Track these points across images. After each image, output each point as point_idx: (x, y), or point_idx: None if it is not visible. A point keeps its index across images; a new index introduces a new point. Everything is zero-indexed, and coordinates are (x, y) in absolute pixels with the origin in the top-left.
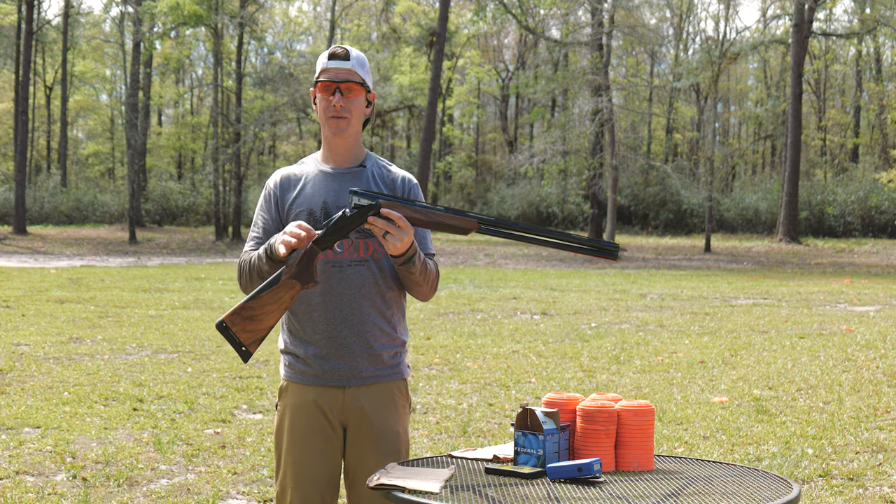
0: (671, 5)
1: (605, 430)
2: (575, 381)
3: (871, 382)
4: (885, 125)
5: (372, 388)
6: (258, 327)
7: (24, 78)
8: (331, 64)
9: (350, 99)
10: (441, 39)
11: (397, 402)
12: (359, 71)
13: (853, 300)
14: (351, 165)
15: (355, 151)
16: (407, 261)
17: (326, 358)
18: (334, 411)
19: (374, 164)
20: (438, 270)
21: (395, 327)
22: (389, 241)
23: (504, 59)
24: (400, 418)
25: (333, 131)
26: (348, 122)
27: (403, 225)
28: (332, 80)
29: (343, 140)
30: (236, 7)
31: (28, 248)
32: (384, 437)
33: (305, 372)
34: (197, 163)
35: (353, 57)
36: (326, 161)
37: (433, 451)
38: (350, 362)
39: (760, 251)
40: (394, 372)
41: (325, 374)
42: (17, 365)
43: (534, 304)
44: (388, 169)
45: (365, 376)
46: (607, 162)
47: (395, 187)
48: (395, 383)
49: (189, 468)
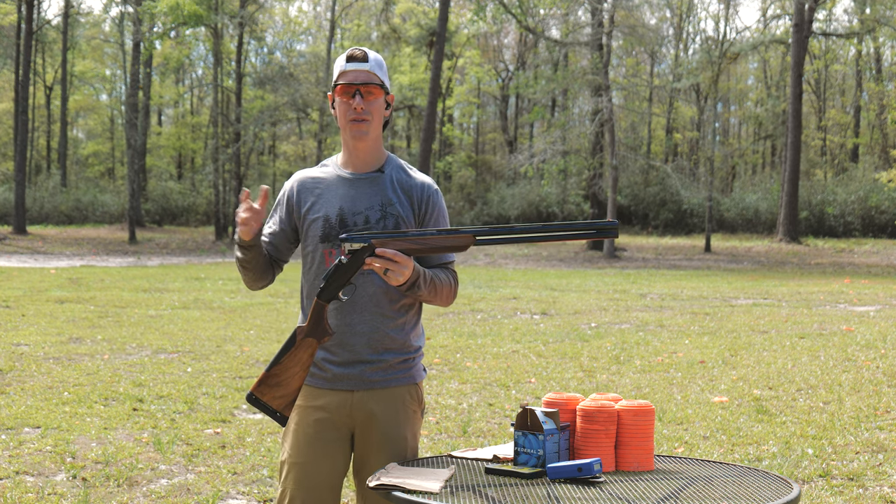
0: (671, 5)
1: (605, 430)
2: (575, 381)
3: (871, 382)
4: (885, 125)
5: (382, 393)
6: (286, 391)
7: (24, 78)
8: (349, 66)
9: (370, 101)
10: (441, 39)
11: (407, 406)
12: (377, 73)
13: (853, 300)
14: (370, 170)
15: (376, 155)
16: (410, 287)
17: (337, 364)
18: (342, 415)
19: (395, 168)
20: (456, 279)
21: (408, 334)
22: (391, 277)
23: (504, 59)
24: (409, 423)
25: (354, 135)
26: (369, 124)
27: (401, 260)
28: (352, 82)
29: (364, 143)
30: (236, 7)
31: (28, 248)
32: (391, 441)
33: (316, 375)
34: (197, 163)
35: (371, 59)
36: (346, 166)
37: (433, 451)
38: (360, 369)
39: (760, 251)
40: (405, 377)
41: (336, 379)
42: (17, 365)
43: (534, 304)
44: (409, 174)
45: (374, 381)
46: (607, 162)
47: (412, 194)
48: (407, 388)
49: (189, 468)
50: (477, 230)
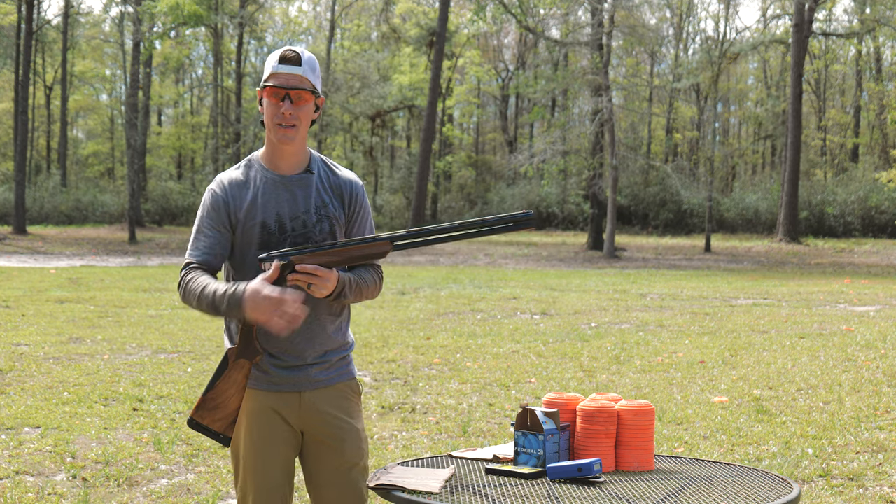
0: (671, 5)
1: (605, 430)
2: (575, 381)
3: (871, 382)
4: (885, 125)
5: (327, 391)
6: (225, 413)
7: (24, 78)
8: (281, 68)
9: (300, 106)
10: (441, 39)
11: (351, 400)
12: (310, 77)
13: (853, 300)
14: (298, 171)
15: (301, 156)
16: (336, 297)
17: (283, 367)
18: (292, 416)
19: (320, 168)
20: (380, 274)
21: (344, 333)
22: (315, 290)
23: (504, 59)
24: (357, 416)
25: (280, 139)
26: (297, 130)
27: (322, 274)
28: (283, 86)
29: (290, 147)
30: (236, 7)
31: (28, 248)
32: (345, 434)
33: (261, 378)
34: (197, 163)
35: (304, 61)
36: (271, 167)
37: (433, 451)
38: (304, 371)
39: (760, 251)
40: (345, 373)
41: (282, 381)
42: (17, 365)
43: (534, 304)
44: (335, 172)
45: (319, 380)
46: (607, 162)
47: (343, 192)
48: (348, 383)
49: (189, 468)
50: (393, 236)
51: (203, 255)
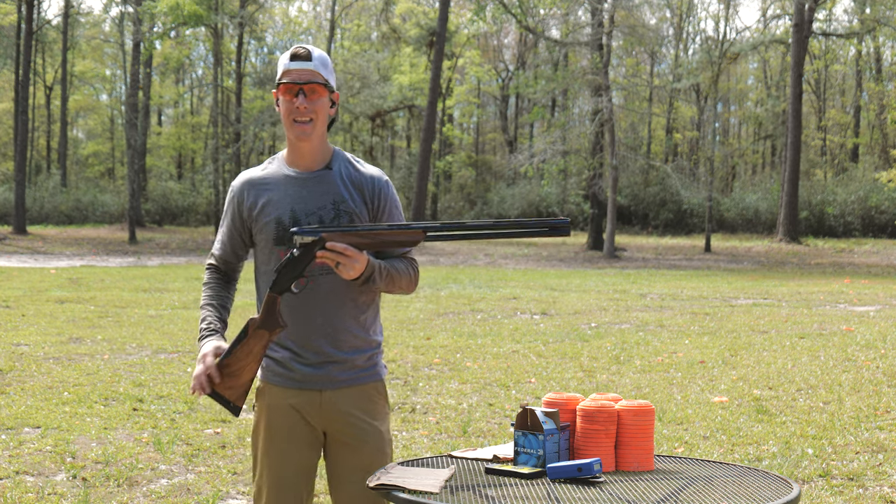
0: (671, 5)
1: (605, 430)
2: (575, 381)
3: (871, 382)
4: (885, 125)
5: (349, 391)
6: (239, 382)
7: (24, 78)
8: (293, 65)
9: (314, 100)
10: (441, 39)
11: (376, 402)
12: (322, 71)
13: (853, 300)
14: (317, 168)
15: (322, 152)
16: (365, 282)
17: (305, 364)
18: (312, 415)
19: (342, 163)
20: (415, 267)
21: (368, 330)
22: (342, 270)
23: (504, 59)
24: (381, 418)
25: (297, 135)
26: (313, 124)
27: (352, 254)
28: (295, 81)
29: (308, 143)
30: (236, 7)
31: (28, 248)
32: (367, 436)
33: (283, 375)
34: (197, 163)
35: (315, 57)
36: (292, 164)
37: (433, 451)
38: (325, 369)
39: (760, 251)
40: (371, 374)
41: (305, 380)
42: (17, 365)
43: (534, 304)
44: (358, 168)
45: (341, 380)
46: (607, 162)
47: (364, 188)
48: (374, 385)
49: (189, 468)
50: (427, 225)
51: (219, 252)
